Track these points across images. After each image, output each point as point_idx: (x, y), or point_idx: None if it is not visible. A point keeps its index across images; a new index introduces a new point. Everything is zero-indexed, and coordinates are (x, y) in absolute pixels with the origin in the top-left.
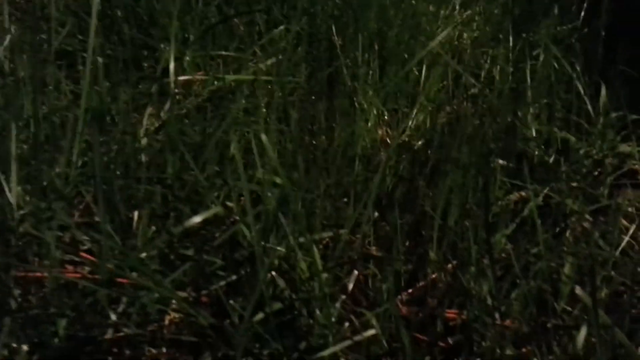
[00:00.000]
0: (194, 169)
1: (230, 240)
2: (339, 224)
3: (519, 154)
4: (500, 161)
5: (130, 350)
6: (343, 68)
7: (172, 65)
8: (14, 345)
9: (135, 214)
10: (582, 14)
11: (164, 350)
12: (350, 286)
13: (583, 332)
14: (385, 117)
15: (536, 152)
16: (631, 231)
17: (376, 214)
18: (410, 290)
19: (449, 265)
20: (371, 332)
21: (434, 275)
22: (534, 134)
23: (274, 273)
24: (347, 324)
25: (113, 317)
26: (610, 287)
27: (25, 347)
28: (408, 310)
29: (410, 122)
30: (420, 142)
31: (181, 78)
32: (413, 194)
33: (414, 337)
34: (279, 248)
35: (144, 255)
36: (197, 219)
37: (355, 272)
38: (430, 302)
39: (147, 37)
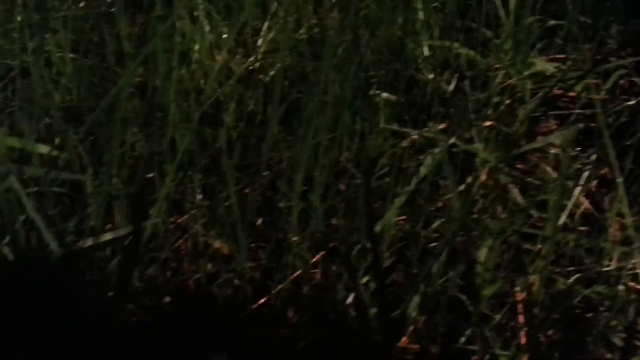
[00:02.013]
0: None
1: None
2: (143, 205)
3: (408, 82)
4: (384, 94)
5: None
6: None
7: None
8: None
9: None
10: None
11: None
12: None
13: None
14: (225, 35)
15: (430, 78)
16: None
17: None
18: (261, 301)
19: (317, 257)
20: None
21: (296, 274)
22: (425, 52)
23: None
24: None
25: None
26: (543, 274)
27: None
28: (256, 335)
29: (260, 42)
30: (273, 70)
31: None
32: (264, 149)
33: None
34: None
35: None
36: None
37: (167, 298)
38: (290, 317)
39: None
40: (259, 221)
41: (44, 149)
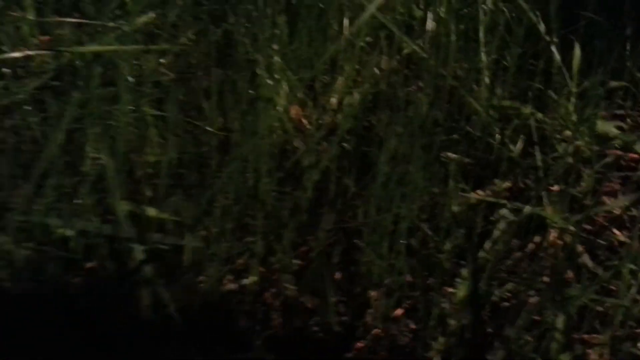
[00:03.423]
0: None
1: None
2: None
3: (475, 140)
4: (453, 155)
5: None
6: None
7: None
8: None
9: None
10: None
11: None
12: None
13: None
14: (299, 94)
15: (497, 138)
16: None
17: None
18: (347, 355)
19: (397, 312)
20: None
21: (376, 330)
22: (492, 113)
23: None
24: None
25: None
26: (614, 338)
27: None
28: None
29: (332, 97)
30: (347, 125)
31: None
32: (343, 207)
33: None
34: None
35: None
36: None
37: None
38: None
39: None
40: (338, 275)
41: (152, 212)
